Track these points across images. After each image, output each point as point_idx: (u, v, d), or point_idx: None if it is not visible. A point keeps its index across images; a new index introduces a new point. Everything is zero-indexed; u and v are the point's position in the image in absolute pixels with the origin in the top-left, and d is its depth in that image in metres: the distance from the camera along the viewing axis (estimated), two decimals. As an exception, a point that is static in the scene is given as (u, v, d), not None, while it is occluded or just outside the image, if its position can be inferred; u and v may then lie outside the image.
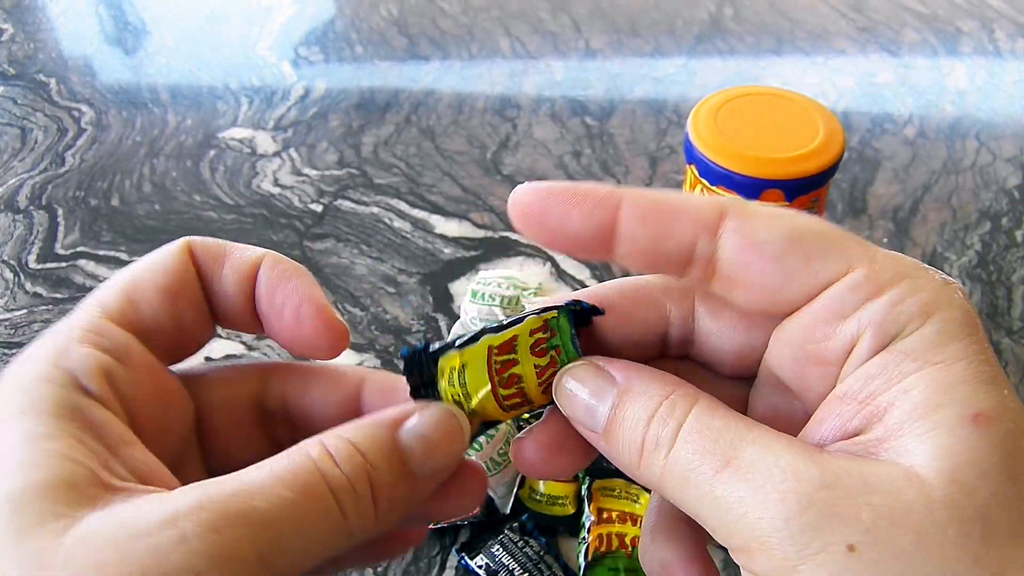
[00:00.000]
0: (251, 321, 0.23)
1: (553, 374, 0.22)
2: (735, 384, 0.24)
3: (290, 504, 0.18)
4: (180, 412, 0.22)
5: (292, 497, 0.18)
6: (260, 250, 0.23)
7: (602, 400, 0.21)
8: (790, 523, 0.17)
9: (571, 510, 0.48)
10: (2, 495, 0.17)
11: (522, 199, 0.21)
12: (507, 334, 0.22)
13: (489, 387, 0.22)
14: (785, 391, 0.22)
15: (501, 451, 0.46)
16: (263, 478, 0.18)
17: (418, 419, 0.21)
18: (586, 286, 0.62)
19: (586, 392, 0.21)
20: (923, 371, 0.18)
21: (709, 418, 0.19)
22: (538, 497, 0.48)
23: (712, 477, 0.18)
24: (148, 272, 0.22)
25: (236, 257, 0.23)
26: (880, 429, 0.18)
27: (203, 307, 0.23)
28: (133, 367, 0.21)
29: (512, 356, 0.22)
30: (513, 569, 0.44)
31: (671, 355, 0.24)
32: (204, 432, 0.23)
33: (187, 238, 0.23)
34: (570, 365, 0.22)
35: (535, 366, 0.22)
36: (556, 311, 0.22)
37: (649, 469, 0.20)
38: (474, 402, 0.22)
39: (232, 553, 0.17)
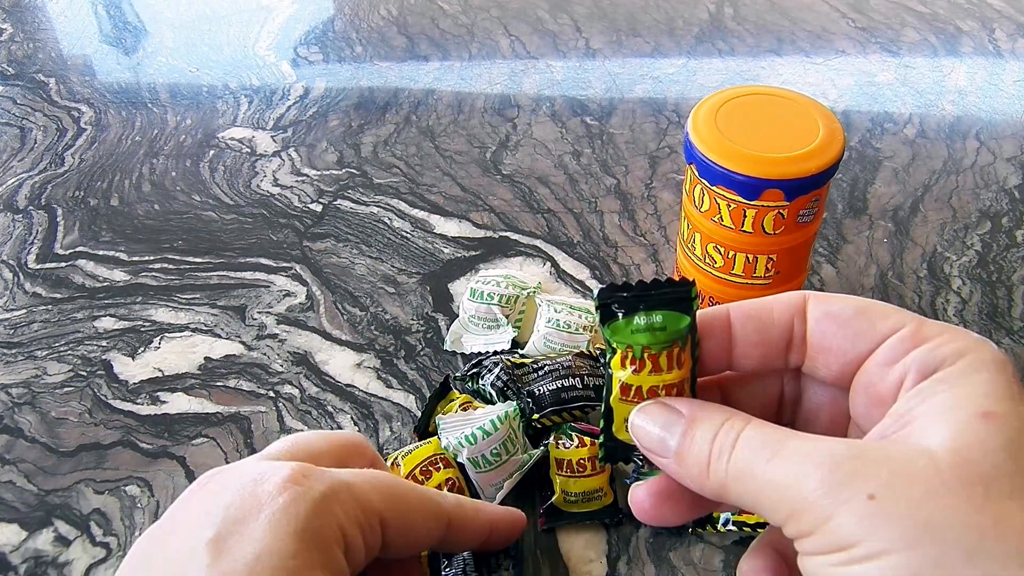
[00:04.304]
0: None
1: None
2: None
3: None
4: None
5: None
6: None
7: (671, 431, 0.26)
8: (824, 483, 0.21)
9: (610, 499, 0.47)
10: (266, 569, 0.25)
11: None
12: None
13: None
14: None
15: (494, 451, 0.46)
16: None
17: None
18: (587, 286, 0.62)
19: (657, 426, 0.26)
20: (950, 390, 0.23)
21: (761, 428, 0.24)
22: (573, 498, 0.46)
23: (766, 464, 0.23)
24: (422, 496, 0.32)
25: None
26: (906, 428, 0.23)
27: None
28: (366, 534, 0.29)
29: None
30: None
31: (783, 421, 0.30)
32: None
33: (447, 512, 0.33)
34: (641, 404, 0.27)
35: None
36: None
37: (715, 474, 0.24)
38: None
39: None
